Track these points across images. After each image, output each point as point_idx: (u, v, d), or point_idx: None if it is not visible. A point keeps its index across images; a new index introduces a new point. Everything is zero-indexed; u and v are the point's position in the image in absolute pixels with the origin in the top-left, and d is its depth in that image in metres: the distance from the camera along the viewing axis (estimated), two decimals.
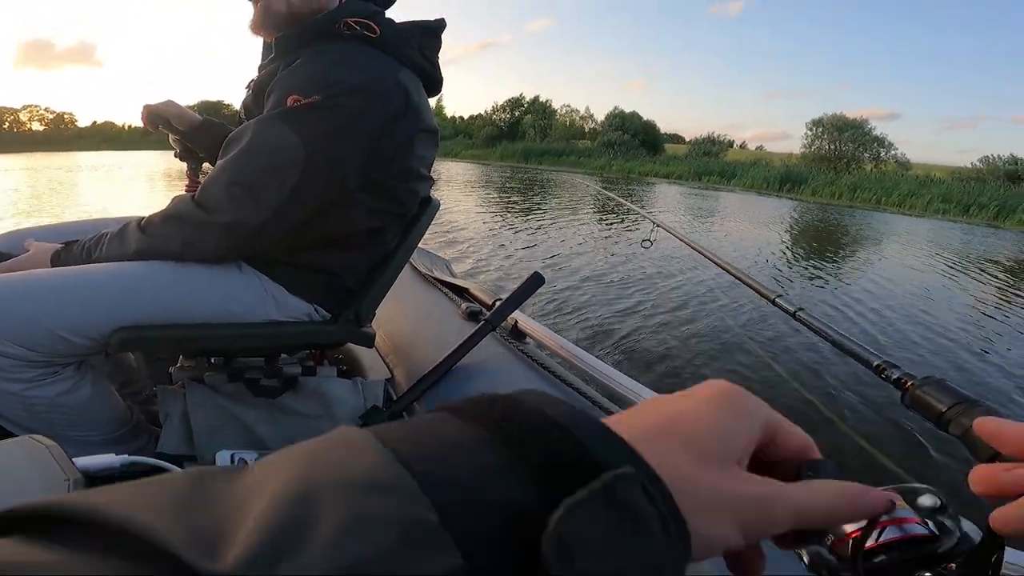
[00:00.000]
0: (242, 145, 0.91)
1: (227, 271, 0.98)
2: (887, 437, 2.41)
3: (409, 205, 1.07)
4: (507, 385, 1.06)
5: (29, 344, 0.85)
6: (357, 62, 0.95)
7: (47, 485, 0.52)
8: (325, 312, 1.05)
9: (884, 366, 0.60)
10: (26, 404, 0.88)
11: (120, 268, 0.94)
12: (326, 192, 0.94)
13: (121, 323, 0.90)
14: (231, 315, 0.98)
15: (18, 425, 0.89)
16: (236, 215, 0.90)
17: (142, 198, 10.37)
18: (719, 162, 28.20)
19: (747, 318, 4.07)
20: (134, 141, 9.52)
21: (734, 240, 9.39)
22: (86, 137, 61.11)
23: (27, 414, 0.89)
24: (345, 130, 0.91)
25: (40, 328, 0.85)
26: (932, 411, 0.46)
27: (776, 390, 2.91)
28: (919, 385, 0.49)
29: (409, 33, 1.02)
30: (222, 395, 1.05)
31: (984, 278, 7.64)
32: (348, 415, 1.08)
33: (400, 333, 1.29)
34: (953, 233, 13.89)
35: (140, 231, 0.95)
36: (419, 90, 1.02)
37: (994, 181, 22.36)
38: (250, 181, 0.90)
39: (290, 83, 0.93)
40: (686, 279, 5.02)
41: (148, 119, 1.15)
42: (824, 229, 12.44)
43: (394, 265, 1.08)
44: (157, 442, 1.02)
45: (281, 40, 1.01)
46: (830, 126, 31.63)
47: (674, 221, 10.69)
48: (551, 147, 35.58)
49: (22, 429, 0.88)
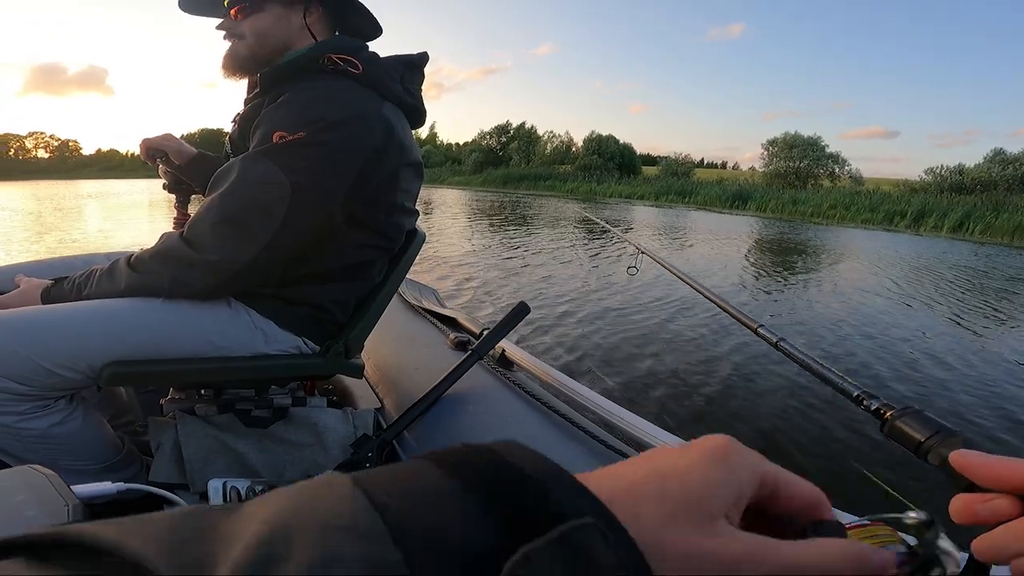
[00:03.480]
0: (228, 183, 0.87)
1: (216, 306, 0.93)
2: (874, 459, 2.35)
3: (395, 238, 1.04)
4: (494, 413, 1.03)
5: (21, 379, 0.83)
6: (340, 97, 0.92)
7: (48, 511, 0.53)
8: (314, 345, 1.01)
9: (863, 396, 0.58)
10: (19, 436, 0.85)
11: (110, 305, 0.90)
12: (312, 228, 0.91)
13: (111, 358, 0.87)
14: (220, 349, 0.94)
15: (11, 455, 0.86)
16: (223, 253, 0.86)
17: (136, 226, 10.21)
18: (684, 182, 28.32)
19: (735, 342, 3.83)
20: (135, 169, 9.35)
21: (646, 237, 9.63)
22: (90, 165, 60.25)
23: (20, 445, 0.86)
24: (330, 165, 0.88)
25: (32, 364, 0.83)
26: (911, 441, 0.45)
27: (766, 416, 2.77)
28: (898, 416, 0.48)
29: (392, 67, 1.00)
30: (213, 425, 1.00)
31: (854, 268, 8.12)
32: (339, 443, 1.04)
33: (389, 363, 1.25)
34: (867, 236, 14.25)
35: (130, 268, 0.91)
36: (403, 124, 0.99)
37: (938, 192, 22.62)
38: (237, 219, 0.86)
39: (275, 119, 0.90)
40: (669, 302, 4.92)
41: (146, 153, 1.12)
42: (740, 234, 12.76)
43: (382, 297, 1.05)
44: (149, 471, 0.97)
45: (265, 76, 0.98)
46: (783, 144, 31.81)
47: (603, 227, 10.83)
48: (530, 172, 35.61)
49: (15, 459, 0.86)
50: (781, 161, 31.57)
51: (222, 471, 0.98)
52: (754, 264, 8.17)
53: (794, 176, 30.47)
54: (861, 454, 2.32)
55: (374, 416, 1.07)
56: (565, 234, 10.25)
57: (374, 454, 1.00)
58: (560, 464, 0.18)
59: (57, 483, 0.57)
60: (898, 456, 2.19)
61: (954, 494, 0.31)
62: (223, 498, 0.99)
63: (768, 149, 32.52)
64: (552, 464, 0.18)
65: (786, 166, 31.29)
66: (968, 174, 23.75)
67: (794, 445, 2.42)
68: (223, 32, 1.00)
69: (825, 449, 2.40)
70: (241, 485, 0.99)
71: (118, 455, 0.98)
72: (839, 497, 0.39)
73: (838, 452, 2.37)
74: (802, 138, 31.66)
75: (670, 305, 4.72)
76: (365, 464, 0.99)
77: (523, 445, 0.19)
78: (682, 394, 2.92)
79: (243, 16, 0.97)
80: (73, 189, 26.39)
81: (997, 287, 7.22)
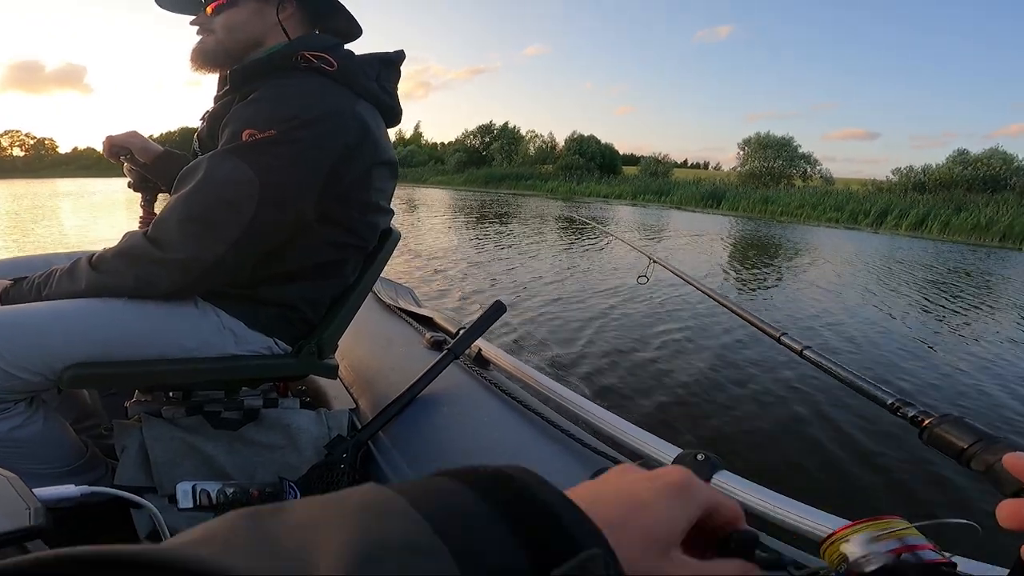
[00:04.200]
0: (196, 180, 0.83)
1: (182, 307, 0.90)
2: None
3: (368, 237, 1.01)
4: (470, 412, 1.01)
5: None
6: (313, 95, 0.89)
7: (8, 514, 0.51)
8: (286, 345, 0.98)
9: (899, 404, 0.56)
10: None
11: (71, 305, 0.86)
12: (283, 227, 0.88)
13: (73, 360, 0.83)
14: (187, 350, 0.90)
15: None
16: (191, 251, 0.83)
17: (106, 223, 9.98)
18: (662, 182, 28.41)
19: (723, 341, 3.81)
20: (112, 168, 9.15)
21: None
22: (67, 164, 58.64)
23: None
24: (301, 164, 0.85)
25: None
26: (953, 448, 0.45)
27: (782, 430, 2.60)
28: (937, 423, 0.48)
29: (367, 65, 0.97)
30: (180, 428, 0.96)
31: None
32: (312, 445, 1.01)
33: (364, 363, 1.22)
34: (827, 234, 14.49)
35: (91, 268, 0.87)
36: (377, 122, 0.97)
37: (902, 192, 22.89)
38: (205, 217, 0.82)
39: (245, 116, 0.86)
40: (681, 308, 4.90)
41: (110, 151, 1.08)
42: (707, 231, 12.98)
43: (355, 297, 1.02)
44: (114, 474, 0.93)
45: (236, 72, 0.95)
46: (757, 144, 31.94)
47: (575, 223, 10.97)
48: (511, 172, 35.42)
49: None
50: (756, 161, 31.85)
51: (190, 473, 0.95)
52: (708, 256, 8.48)
53: (768, 176, 30.71)
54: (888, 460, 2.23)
55: (349, 417, 1.04)
56: (542, 231, 10.29)
57: (349, 455, 0.97)
58: (538, 464, 0.19)
59: (18, 486, 0.54)
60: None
61: (1000, 500, 0.30)
62: (193, 501, 0.95)
63: (743, 149, 32.80)
64: (557, 491, 0.21)
65: (760, 166, 31.52)
66: (931, 174, 24.15)
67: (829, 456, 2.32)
68: (196, 28, 0.97)
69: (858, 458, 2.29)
70: (211, 488, 0.96)
71: (81, 458, 0.94)
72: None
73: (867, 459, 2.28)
74: (775, 138, 31.92)
75: (681, 312, 4.62)
76: (340, 465, 0.96)
77: (529, 471, 0.22)
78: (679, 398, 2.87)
79: (214, 8, 0.94)
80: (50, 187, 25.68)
81: (931, 279, 7.61)
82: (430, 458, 0.92)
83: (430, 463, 0.91)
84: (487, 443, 0.93)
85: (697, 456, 0.73)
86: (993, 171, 22.48)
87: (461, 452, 0.91)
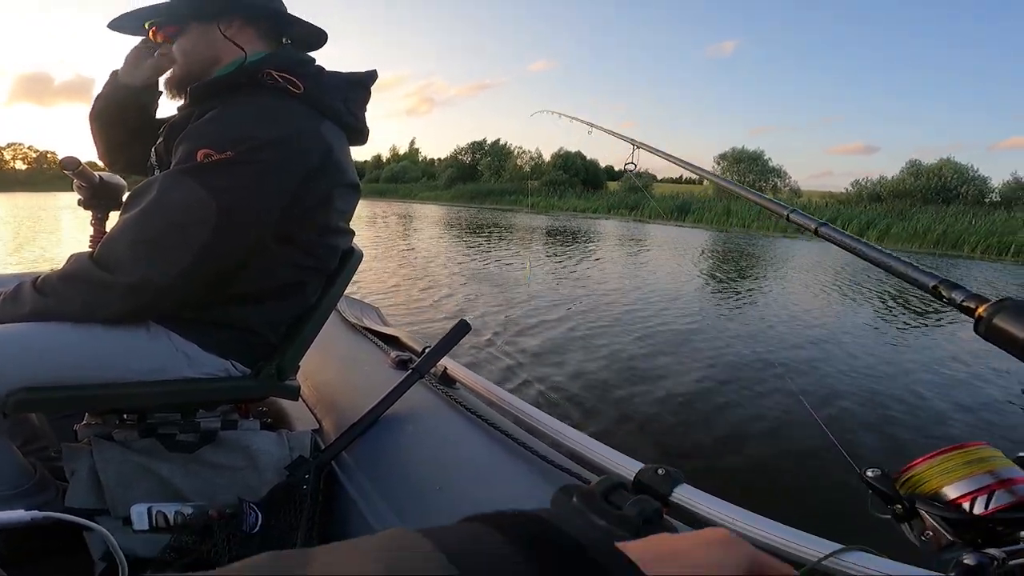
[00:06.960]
0: (147, 202, 0.77)
1: (133, 330, 0.83)
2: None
3: (328, 259, 0.95)
4: (436, 432, 0.95)
5: None
6: (275, 116, 0.83)
7: None
8: (244, 367, 0.91)
9: (941, 287, 0.45)
10: None
11: (15, 329, 0.79)
12: (239, 250, 0.82)
13: (17, 385, 0.77)
14: (138, 374, 0.84)
15: None
16: (142, 275, 0.76)
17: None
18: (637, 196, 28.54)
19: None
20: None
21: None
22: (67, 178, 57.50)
23: None
24: (260, 187, 0.79)
25: None
26: (1017, 343, 0.34)
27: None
28: (995, 310, 0.37)
29: (335, 87, 0.91)
30: (133, 450, 0.89)
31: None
32: (273, 466, 0.94)
33: (327, 383, 1.15)
34: (767, 242, 14.98)
35: (36, 291, 0.80)
36: (342, 143, 0.91)
37: (857, 202, 23.08)
38: (156, 240, 0.76)
39: (201, 134, 0.80)
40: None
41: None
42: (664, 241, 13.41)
43: (316, 318, 0.96)
44: (65, 496, 0.86)
45: (196, 89, 0.89)
46: (731, 159, 32.36)
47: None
48: (497, 187, 35.25)
49: None
50: (729, 175, 32.35)
51: (145, 495, 0.88)
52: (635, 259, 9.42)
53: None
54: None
55: (311, 438, 0.98)
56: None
57: (311, 476, 0.91)
58: (503, 482, 0.23)
59: None
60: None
61: None
62: (149, 523, 0.88)
63: (719, 163, 33.20)
64: (585, 528, 0.20)
65: (734, 180, 32.00)
66: (886, 186, 24.44)
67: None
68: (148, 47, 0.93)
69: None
70: (169, 509, 0.89)
71: (30, 481, 0.87)
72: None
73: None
74: (747, 153, 32.42)
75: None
76: (302, 487, 0.90)
77: (552, 512, 0.21)
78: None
79: (167, 38, 0.91)
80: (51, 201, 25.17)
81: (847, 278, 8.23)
82: (395, 478, 0.86)
83: (395, 483, 0.86)
84: (452, 462, 0.88)
85: (658, 471, 0.69)
86: (944, 182, 22.88)
87: (426, 471, 0.86)
